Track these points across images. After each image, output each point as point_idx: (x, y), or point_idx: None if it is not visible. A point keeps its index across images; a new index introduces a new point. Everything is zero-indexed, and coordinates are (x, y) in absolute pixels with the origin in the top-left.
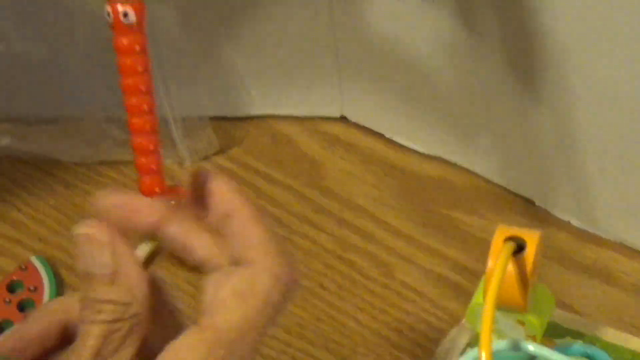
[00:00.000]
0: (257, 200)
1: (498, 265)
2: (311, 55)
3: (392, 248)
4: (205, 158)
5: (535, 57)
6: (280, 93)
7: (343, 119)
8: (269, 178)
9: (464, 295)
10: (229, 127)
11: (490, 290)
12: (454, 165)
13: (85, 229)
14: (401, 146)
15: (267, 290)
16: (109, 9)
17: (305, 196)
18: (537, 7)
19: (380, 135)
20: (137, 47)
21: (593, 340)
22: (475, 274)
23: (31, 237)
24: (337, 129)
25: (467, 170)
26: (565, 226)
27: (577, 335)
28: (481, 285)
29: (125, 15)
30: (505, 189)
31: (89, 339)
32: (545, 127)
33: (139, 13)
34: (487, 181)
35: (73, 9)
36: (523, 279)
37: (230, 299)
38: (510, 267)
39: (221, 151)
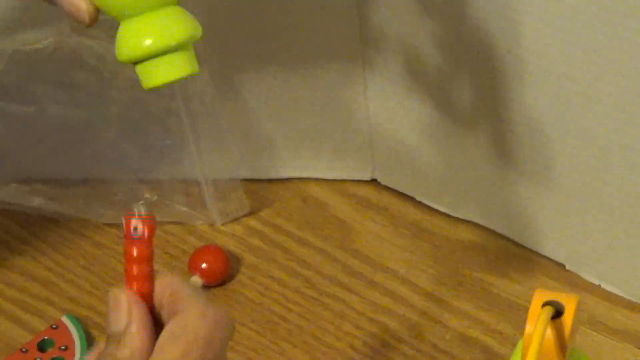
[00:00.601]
0: (287, 262)
1: (537, 330)
2: (343, 118)
3: (423, 310)
4: (236, 220)
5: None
6: (312, 156)
7: (374, 181)
8: (300, 240)
9: (495, 357)
10: (260, 189)
11: (529, 355)
12: (484, 228)
13: (116, 291)
14: (432, 209)
15: (196, 326)
16: (123, 221)
17: (336, 258)
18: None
19: (410, 198)
20: (141, 257)
21: None
22: (507, 337)
23: (62, 297)
24: (368, 192)
25: (498, 234)
26: (595, 290)
27: None
28: (518, 349)
29: (135, 229)
30: (536, 252)
31: None
32: (570, 195)
33: (149, 229)
34: (518, 245)
35: (106, 73)
36: (561, 343)
37: (166, 340)
38: (548, 331)
39: (252, 213)
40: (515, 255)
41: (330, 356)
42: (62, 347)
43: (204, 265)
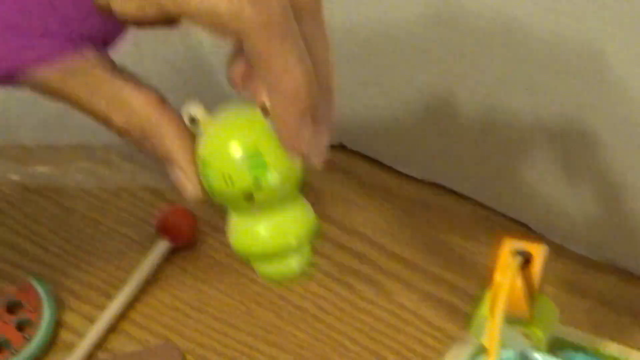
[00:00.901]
0: None
1: (505, 279)
2: None
3: (390, 272)
4: None
5: None
6: None
7: (341, 146)
8: None
9: (461, 316)
10: None
11: (498, 303)
12: (451, 191)
13: None
14: (399, 173)
15: None
16: None
17: None
18: None
19: (378, 163)
20: None
21: (595, 354)
22: (472, 296)
23: (30, 260)
24: (336, 157)
25: (464, 197)
26: (559, 250)
27: (579, 348)
28: (486, 297)
29: None
30: (501, 214)
31: None
32: (535, 160)
33: None
34: (484, 207)
35: None
36: (529, 291)
37: None
38: (517, 280)
39: None
40: (481, 217)
41: (298, 316)
42: (31, 309)
43: (171, 227)
